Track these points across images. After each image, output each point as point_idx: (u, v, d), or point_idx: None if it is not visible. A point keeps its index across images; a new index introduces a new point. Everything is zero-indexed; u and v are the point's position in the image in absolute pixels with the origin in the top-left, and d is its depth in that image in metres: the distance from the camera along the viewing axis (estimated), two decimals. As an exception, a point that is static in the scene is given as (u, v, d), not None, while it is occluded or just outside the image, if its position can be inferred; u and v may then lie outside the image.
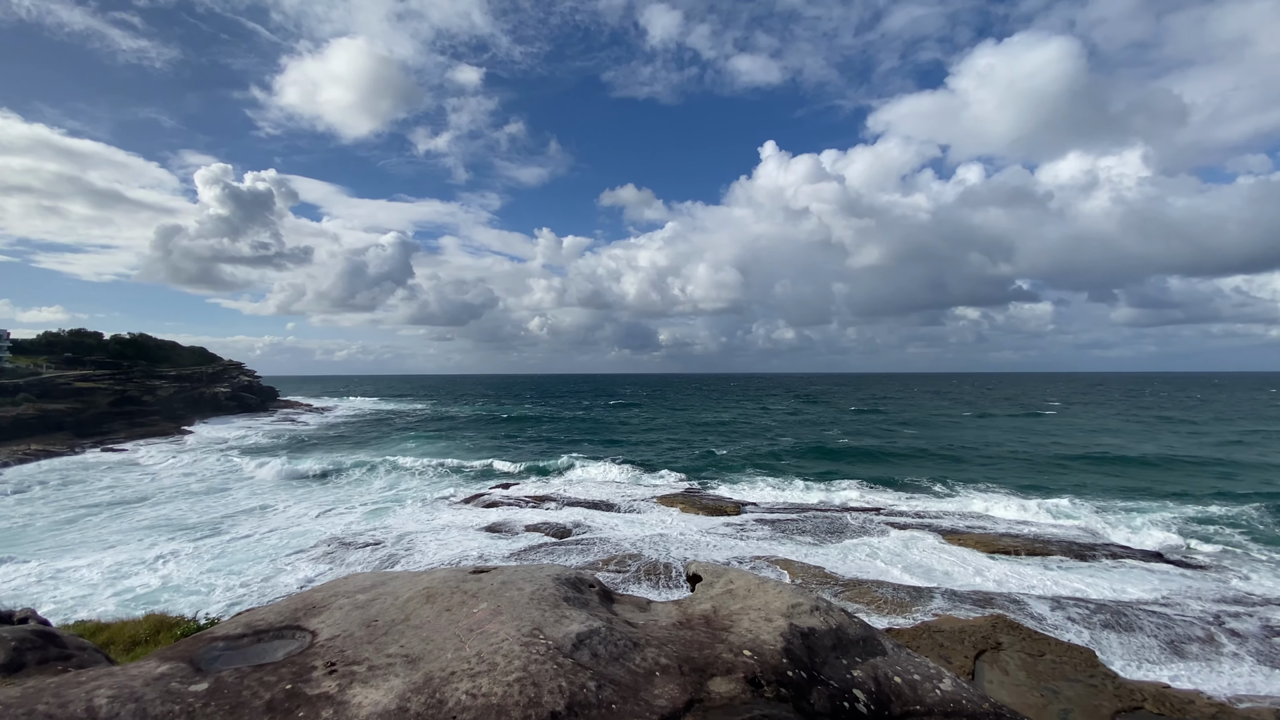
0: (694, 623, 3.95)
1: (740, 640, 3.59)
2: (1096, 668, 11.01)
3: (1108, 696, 10.12)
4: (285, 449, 43.62)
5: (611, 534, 20.09)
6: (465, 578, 4.72)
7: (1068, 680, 10.58)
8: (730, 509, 23.63)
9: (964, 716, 3.16)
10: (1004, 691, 10.41)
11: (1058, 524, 22.22)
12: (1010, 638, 11.77)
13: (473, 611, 4.18)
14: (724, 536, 20.12)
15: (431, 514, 23.64)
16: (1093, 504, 24.76)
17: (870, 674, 3.43)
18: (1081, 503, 24.94)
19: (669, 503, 24.69)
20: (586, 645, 3.51)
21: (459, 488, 29.25)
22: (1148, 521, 21.83)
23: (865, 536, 20.17)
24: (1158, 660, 12.05)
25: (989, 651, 11.59)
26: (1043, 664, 11.04)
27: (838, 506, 24.93)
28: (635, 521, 22.02)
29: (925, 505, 25.30)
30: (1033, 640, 11.69)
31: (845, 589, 15.12)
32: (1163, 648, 12.40)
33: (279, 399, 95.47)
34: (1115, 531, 20.79)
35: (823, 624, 3.75)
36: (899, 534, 20.41)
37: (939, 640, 11.85)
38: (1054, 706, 9.94)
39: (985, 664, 11.29)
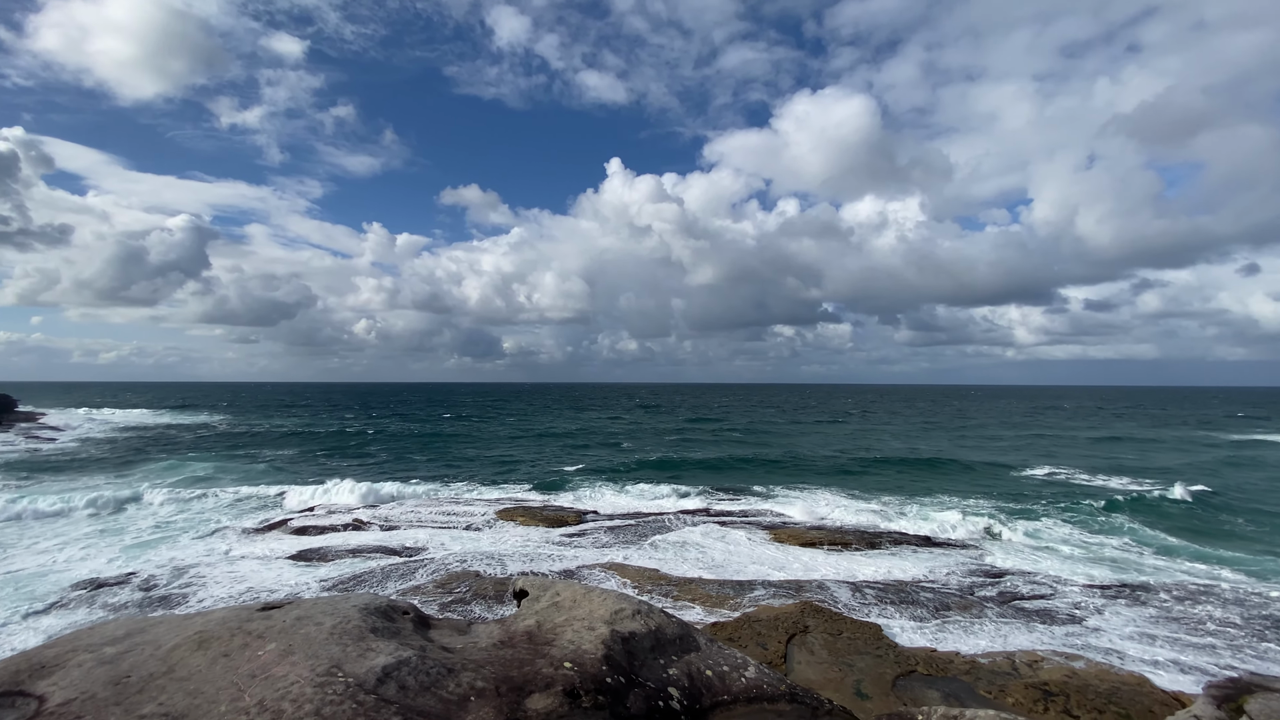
0: (516, 640, 3.84)
1: (562, 653, 3.55)
2: (882, 640, 12.73)
3: (890, 664, 11.74)
4: (22, 475, 35.23)
5: (443, 554, 19.01)
6: (251, 616, 4.13)
7: (860, 653, 12.10)
8: (572, 519, 23.62)
9: (764, 699, 3.45)
10: (810, 669, 11.59)
11: (857, 517, 25.29)
12: (816, 620, 13.18)
13: (258, 654, 3.66)
14: (564, 546, 20.04)
15: (225, 544, 20.52)
16: (882, 498, 28.74)
17: (685, 670, 3.60)
18: (874, 497, 28.84)
19: (508, 516, 24.01)
20: (394, 678, 3.23)
21: (260, 513, 25.76)
22: (924, 511, 25.78)
23: (698, 537, 21.31)
24: (927, 628, 14.18)
25: (798, 635, 12.85)
26: (841, 641, 12.51)
27: (675, 511, 26.07)
28: (470, 539, 21.08)
29: (751, 505, 27.42)
30: (833, 621, 13.21)
31: (677, 588, 15.82)
32: (931, 616, 14.65)
33: (17, 410, 76.86)
34: (898, 521, 24.21)
35: (643, 627, 3.86)
36: (727, 533, 21.88)
37: (757, 629, 12.87)
38: (849, 678, 11.29)
39: (795, 646, 12.50)
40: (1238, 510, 25.98)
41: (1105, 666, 12.03)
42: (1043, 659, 12.08)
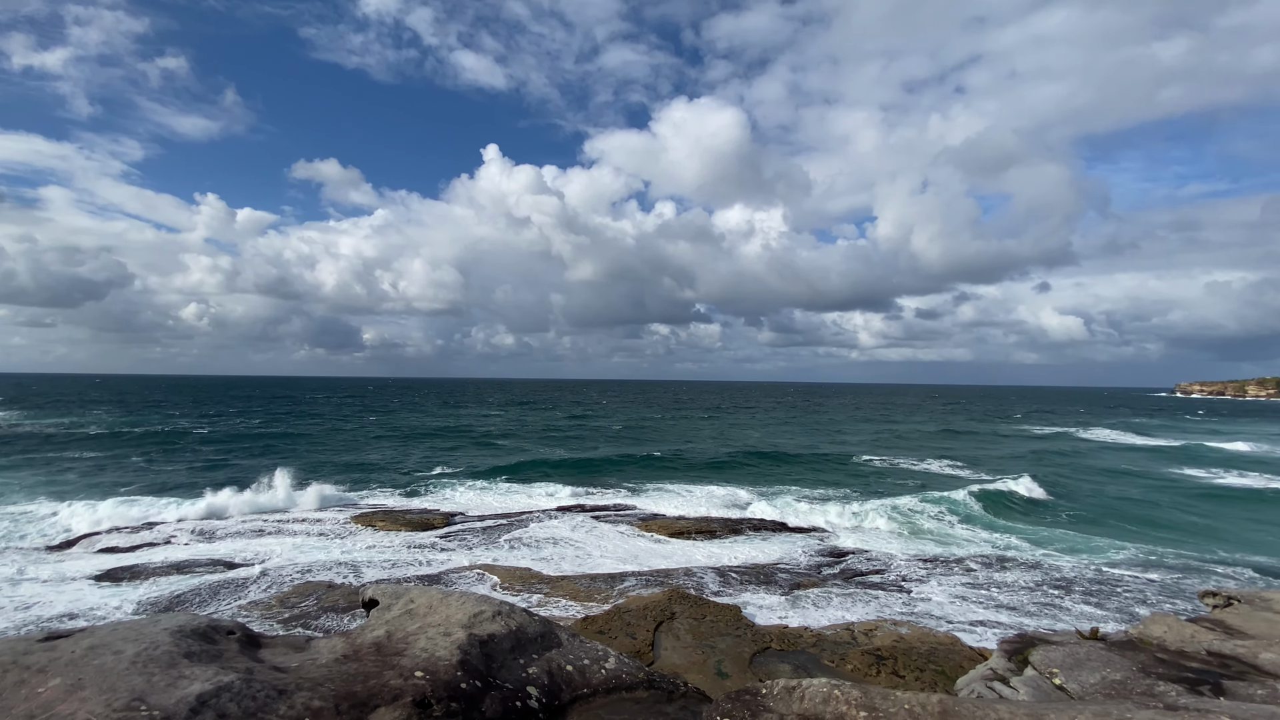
0: (363, 653, 3.57)
1: (413, 662, 3.36)
2: (741, 621, 13.57)
3: (747, 643, 12.53)
4: None
5: (287, 565, 17.31)
6: (29, 649, 3.47)
7: (721, 635, 12.80)
8: (439, 521, 22.54)
9: (623, 689, 3.52)
10: (675, 654, 12.04)
11: (725, 508, 26.64)
12: (682, 607, 13.73)
13: (37, 692, 3.10)
14: (430, 551, 19.09)
15: (9, 567, 17.19)
16: (747, 488, 30.59)
17: (545, 668, 3.57)
18: (740, 487, 30.62)
19: (366, 522, 22.40)
20: (211, 706, 2.87)
21: (53, 529, 21.86)
22: (783, 499, 27.76)
23: (571, 533, 21.28)
24: (779, 607, 15.28)
25: (666, 622, 13.30)
26: (704, 625, 13.15)
27: (549, 508, 25.81)
28: (320, 548, 19.39)
29: (626, 500, 27.88)
30: (698, 606, 13.84)
31: (549, 585, 15.70)
32: (785, 596, 15.83)
33: None
34: (760, 509, 25.87)
35: (503, 628, 3.76)
36: (601, 528, 22.07)
37: (627, 620, 13.14)
38: (711, 659, 11.90)
39: (663, 633, 12.92)
40: (1044, 493, 30.81)
41: (926, 630, 13.69)
42: (876, 627, 13.51)
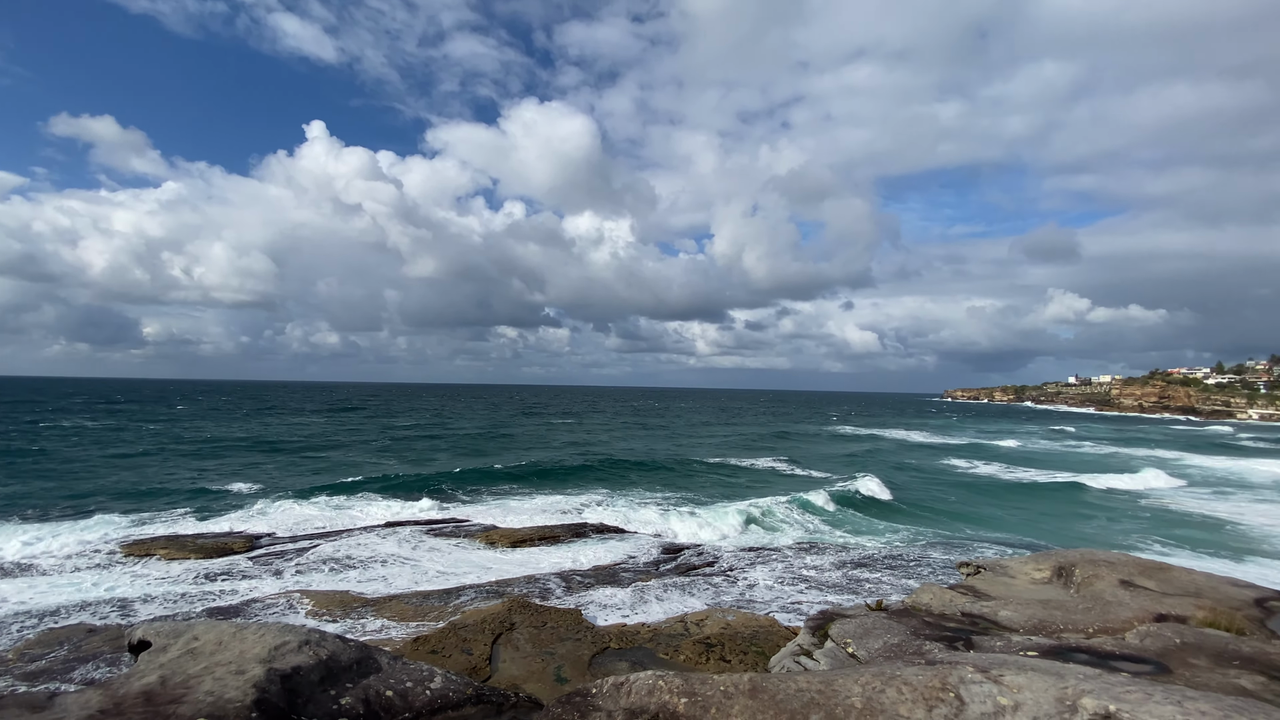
0: (127, 705, 3.00)
1: (195, 708, 2.89)
2: (582, 624, 13.66)
3: (587, 645, 12.64)
4: None
5: (27, 609, 14.10)
6: None
7: (561, 640, 12.77)
8: (240, 545, 19.77)
9: (450, 708, 3.36)
10: (514, 666, 11.77)
11: (571, 513, 26.63)
12: (522, 616, 13.47)
13: None
14: (229, 579, 16.67)
15: None
16: (593, 493, 30.91)
17: (361, 696, 3.28)
18: (584, 493, 30.84)
19: (143, 550, 18.95)
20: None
21: None
22: (628, 501, 28.42)
23: (403, 550, 19.89)
24: (621, 606, 15.64)
25: (505, 633, 12.95)
26: (545, 632, 13.02)
27: (379, 524, 23.88)
28: (80, 584, 16.07)
29: (465, 512, 26.70)
30: (538, 613, 13.67)
31: (374, 607, 14.50)
32: (625, 594, 16.23)
33: None
34: (606, 512, 26.28)
35: (311, 658, 3.39)
36: (437, 542, 20.90)
37: (463, 635, 12.57)
38: (550, 666, 11.80)
39: (501, 645, 12.56)
40: (867, 486, 34.88)
41: (750, 615, 14.85)
42: (707, 617, 14.38)
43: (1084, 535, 25.26)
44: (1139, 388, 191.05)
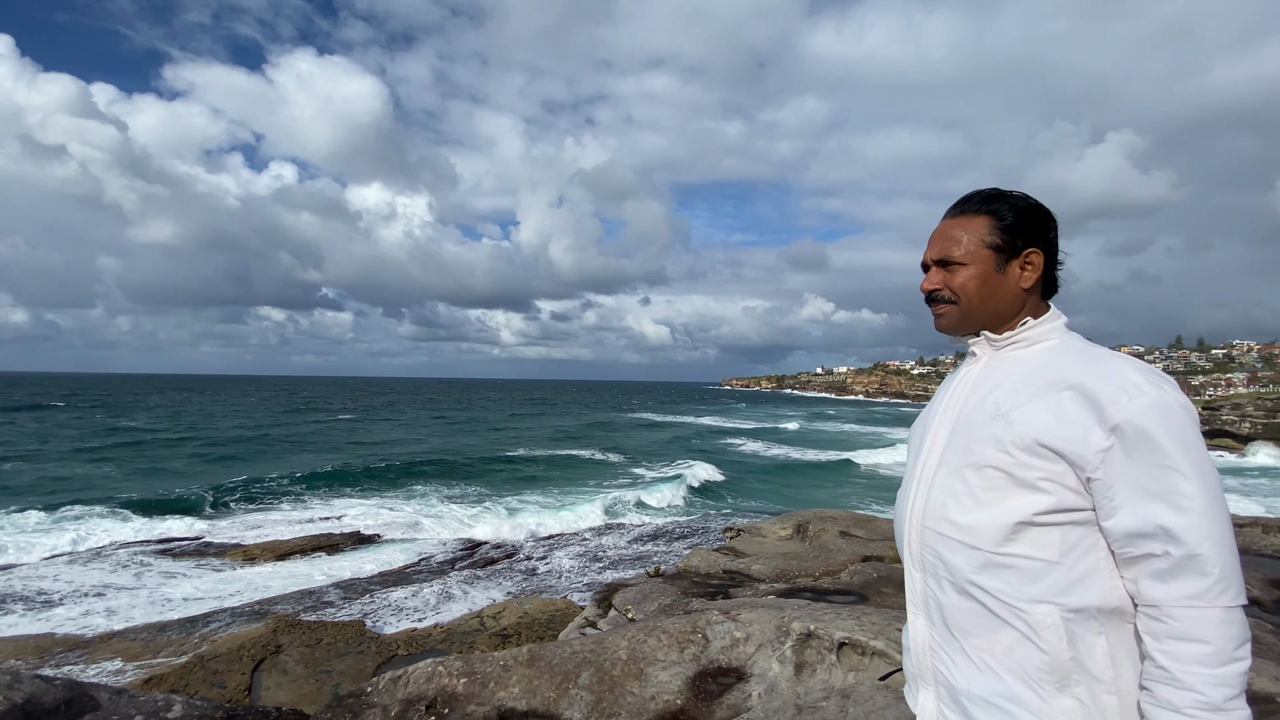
0: None
1: None
2: (365, 635, 12.72)
3: (371, 656, 11.84)
4: None
5: None
6: None
7: (340, 656, 11.77)
8: None
9: (193, 736, 3.03)
10: (281, 692, 10.56)
11: (352, 518, 24.44)
12: (291, 636, 12.10)
13: None
14: None
15: None
16: (383, 495, 28.68)
17: (70, 743, 2.79)
18: (373, 496, 28.47)
19: None
20: None
21: None
22: (425, 499, 26.97)
23: (122, 578, 16.52)
24: (412, 609, 14.94)
25: (269, 657, 11.53)
26: (320, 650, 11.88)
27: (92, 549, 19.45)
28: None
29: (213, 527, 22.97)
30: (311, 631, 12.41)
31: (87, 650, 11.85)
32: (415, 598, 15.50)
33: None
34: (398, 513, 24.66)
35: (3, 704, 2.78)
36: (174, 564, 17.74)
37: (213, 668, 10.91)
38: (327, 685, 10.84)
39: (265, 672, 11.17)
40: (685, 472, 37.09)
41: (548, 600, 15.23)
42: (504, 609, 14.41)
43: (833, 499, 30.43)
44: (866, 377, 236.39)
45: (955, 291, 1.34)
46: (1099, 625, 1.15)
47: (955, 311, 1.36)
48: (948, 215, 1.38)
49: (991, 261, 1.31)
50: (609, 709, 3.30)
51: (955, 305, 1.35)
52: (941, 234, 1.37)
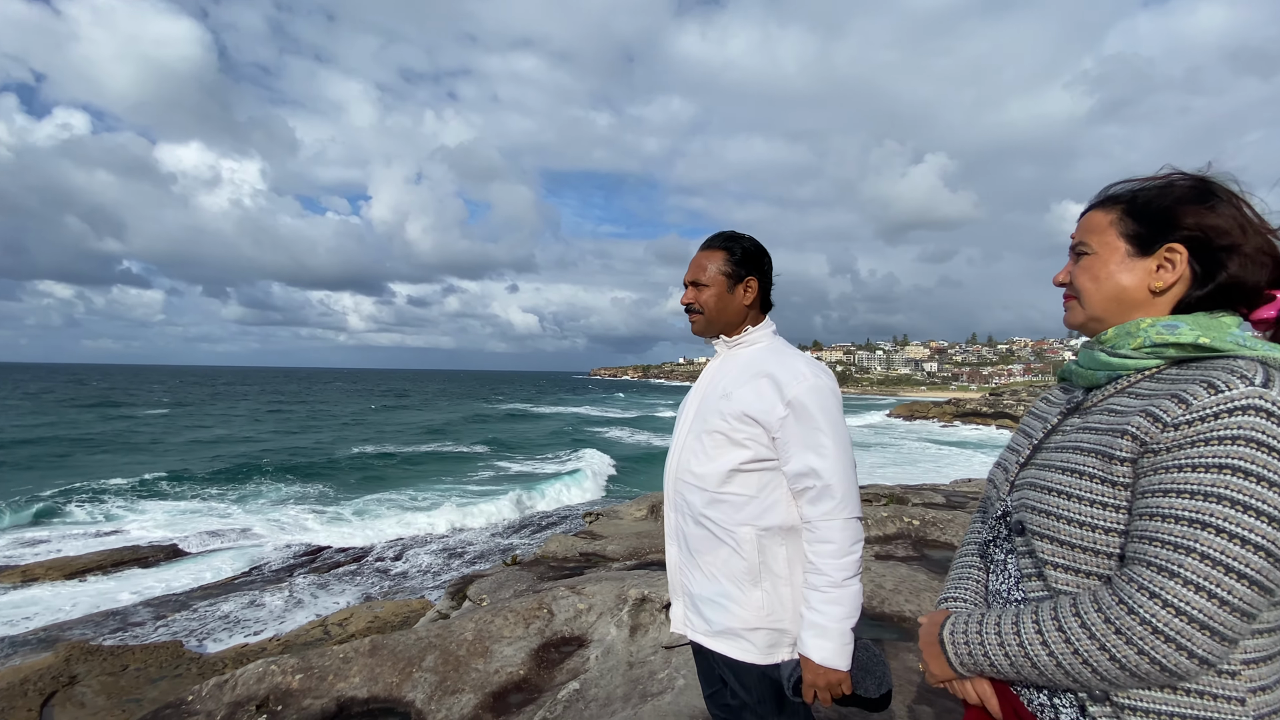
0: None
1: None
2: (183, 656, 11.38)
3: (192, 679, 10.64)
4: None
5: None
6: None
7: (153, 682, 10.45)
8: None
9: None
10: (77, 729, 9.19)
11: (165, 529, 21.55)
12: (88, 665, 10.50)
13: None
14: None
15: None
16: (207, 501, 25.44)
17: None
18: (193, 497, 25.16)
19: None
20: None
21: None
22: (257, 504, 24.37)
23: None
24: (244, 623, 13.63)
25: (61, 690, 9.95)
26: (126, 678, 10.46)
27: None
28: None
29: (-25, 545, 19.14)
30: (115, 657, 10.87)
31: None
32: (248, 610, 14.15)
33: None
34: (223, 520, 22.10)
35: None
36: (-80, 596, 14.56)
37: (-18, 711, 9.21)
38: (136, 715, 9.62)
39: (57, 706, 9.64)
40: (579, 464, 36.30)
41: (402, 602, 14.63)
42: (351, 614, 13.63)
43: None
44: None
45: (702, 305, 1.85)
46: (781, 539, 1.70)
47: (702, 320, 1.87)
48: (701, 248, 1.90)
49: (725, 284, 1.82)
50: (453, 686, 3.45)
51: (702, 315, 1.86)
52: (695, 262, 1.88)
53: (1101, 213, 1.12)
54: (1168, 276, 1.05)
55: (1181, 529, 0.89)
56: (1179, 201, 1.04)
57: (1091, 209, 1.15)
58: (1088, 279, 1.11)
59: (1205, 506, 0.88)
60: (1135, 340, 1.04)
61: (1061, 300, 1.21)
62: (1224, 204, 1.03)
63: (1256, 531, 0.85)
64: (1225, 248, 1.01)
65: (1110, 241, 1.09)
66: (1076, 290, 1.15)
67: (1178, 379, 0.98)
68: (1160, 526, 0.91)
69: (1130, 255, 1.07)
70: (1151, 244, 1.06)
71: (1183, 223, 1.03)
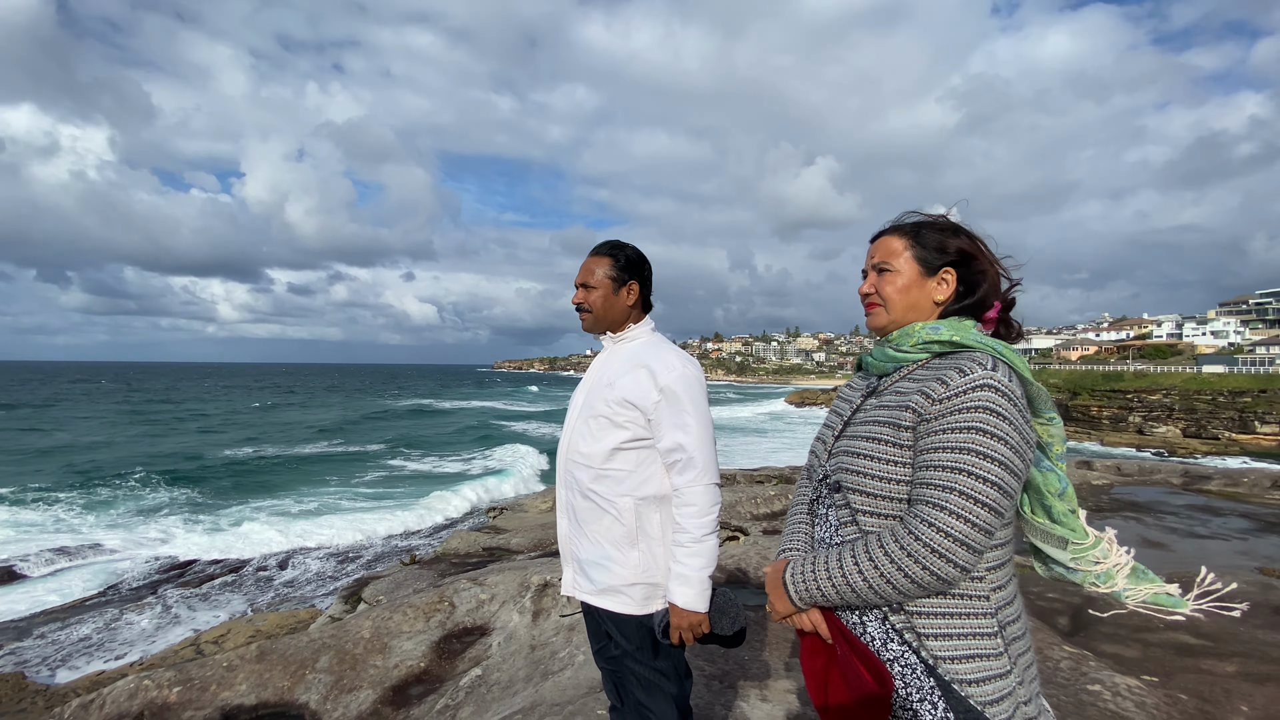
0: None
1: None
2: (26, 689, 10.07)
3: (38, 713, 9.48)
4: None
5: None
6: None
7: (-12, 721, 9.19)
8: None
9: None
10: (-117, 786, 7.91)
11: None
12: (-103, 712, 9.04)
13: None
14: None
15: None
16: (46, 513, 22.32)
17: None
18: (26, 511, 21.99)
19: None
20: None
21: None
22: (103, 514, 21.78)
23: None
24: (102, 647, 12.28)
25: None
26: (-51, 721, 9.11)
27: None
28: None
29: None
30: (-67, 699, 9.43)
31: None
32: (106, 633, 12.73)
33: None
34: (67, 535, 19.60)
35: None
36: None
37: None
38: (-34, 762, 8.42)
39: None
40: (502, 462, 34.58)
41: (287, 613, 13.72)
42: (228, 630, 12.62)
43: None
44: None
45: (590, 305, 2.11)
46: (656, 506, 1.99)
47: (590, 318, 2.12)
48: (590, 254, 2.14)
49: (611, 287, 2.09)
50: (349, 684, 3.42)
51: (590, 314, 2.12)
52: (585, 266, 2.13)
53: (896, 239, 1.48)
54: (946, 291, 1.45)
55: (945, 475, 1.24)
56: (949, 236, 1.45)
57: (886, 234, 1.51)
58: (893, 291, 1.46)
59: (959, 458, 1.24)
60: (912, 339, 1.41)
61: (864, 307, 1.54)
62: (972, 241, 1.46)
63: (992, 474, 1.22)
64: (979, 272, 1.44)
65: (907, 263, 1.45)
66: (882, 300, 1.48)
67: (940, 367, 1.36)
68: (932, 475, 1.26)
69: (920, 275, 1.45)
70: (934, 267, 1.45)
71: (953, 252, 1.44)
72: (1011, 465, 1.23)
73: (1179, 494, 12.09)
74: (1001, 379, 1.27)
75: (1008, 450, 1.23)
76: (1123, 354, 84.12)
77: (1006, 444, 1.23)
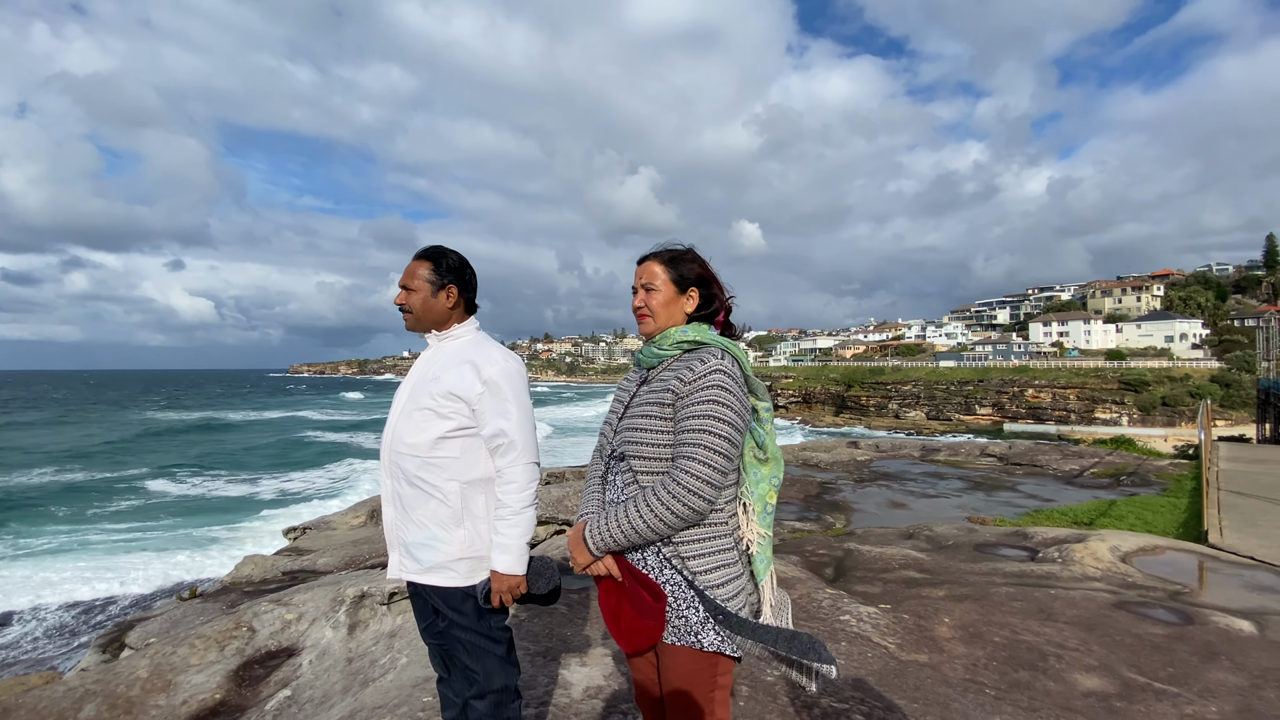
0: None
1: None
2: None
3: None
4: None
5: None
6: None
7: None
8: None
9: None
10: None
11: None
12: None
13: None
14: None
15: None
16: None
17: None
18: None
19: None
20: None
21: None
22: None
23: None
24: None
25: None
26: None
27: None
28: None
29: None
30: None
31: None
32: None
33: None
34: None
35: None
36: None
37: None
38: None
39: None
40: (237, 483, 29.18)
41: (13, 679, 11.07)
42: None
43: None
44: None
45: (410, 306, 2.23)
46: (481, 488, 2.16)
47: (411, 318, 2.25)
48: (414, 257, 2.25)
49: (430, 290, 2.23)
50: (125, 730, 3.04)
51: (411, 314, 2.24)
52: (408, 269, 2.26)
53: (658, 264, 1.97)
54: (692, 305, 1.97)
55: (693, 435, 1.74)
56: (691, 263, 1.98)
57: (650, 260, 1.99)
58: (658, 304, 1.94)
59: (702, 422, 1.74)
60: (670, 341, 1.92)
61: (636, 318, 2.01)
62: (706, 267, 2.00)
63: (723, 431, 1.73)
64: (713, 292, 1.99)
65: (665, 284, 1.95)
66: (650, 311, 1.95)
67: (688, 359, 1.86)
68: (685, 437, 1.75)
69: (676, 293, 1.95)
70: (685, 286, 1.96)
71: (695, 276, 1.97)
72: (736, 424, 1.76)
73: (918, 464, 15.04)
74: (729, 366, 1.80)
75: (733, 414, 1.76)
76: (884, 352, 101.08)
77: (732, 409, 1.76)
